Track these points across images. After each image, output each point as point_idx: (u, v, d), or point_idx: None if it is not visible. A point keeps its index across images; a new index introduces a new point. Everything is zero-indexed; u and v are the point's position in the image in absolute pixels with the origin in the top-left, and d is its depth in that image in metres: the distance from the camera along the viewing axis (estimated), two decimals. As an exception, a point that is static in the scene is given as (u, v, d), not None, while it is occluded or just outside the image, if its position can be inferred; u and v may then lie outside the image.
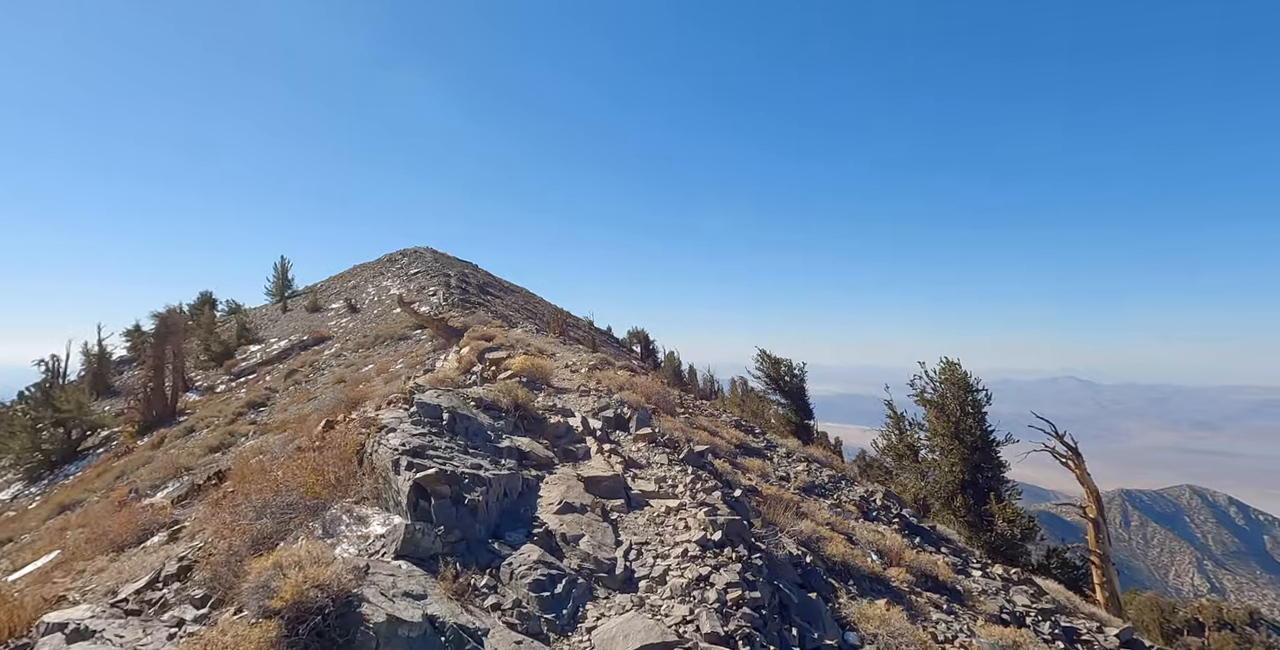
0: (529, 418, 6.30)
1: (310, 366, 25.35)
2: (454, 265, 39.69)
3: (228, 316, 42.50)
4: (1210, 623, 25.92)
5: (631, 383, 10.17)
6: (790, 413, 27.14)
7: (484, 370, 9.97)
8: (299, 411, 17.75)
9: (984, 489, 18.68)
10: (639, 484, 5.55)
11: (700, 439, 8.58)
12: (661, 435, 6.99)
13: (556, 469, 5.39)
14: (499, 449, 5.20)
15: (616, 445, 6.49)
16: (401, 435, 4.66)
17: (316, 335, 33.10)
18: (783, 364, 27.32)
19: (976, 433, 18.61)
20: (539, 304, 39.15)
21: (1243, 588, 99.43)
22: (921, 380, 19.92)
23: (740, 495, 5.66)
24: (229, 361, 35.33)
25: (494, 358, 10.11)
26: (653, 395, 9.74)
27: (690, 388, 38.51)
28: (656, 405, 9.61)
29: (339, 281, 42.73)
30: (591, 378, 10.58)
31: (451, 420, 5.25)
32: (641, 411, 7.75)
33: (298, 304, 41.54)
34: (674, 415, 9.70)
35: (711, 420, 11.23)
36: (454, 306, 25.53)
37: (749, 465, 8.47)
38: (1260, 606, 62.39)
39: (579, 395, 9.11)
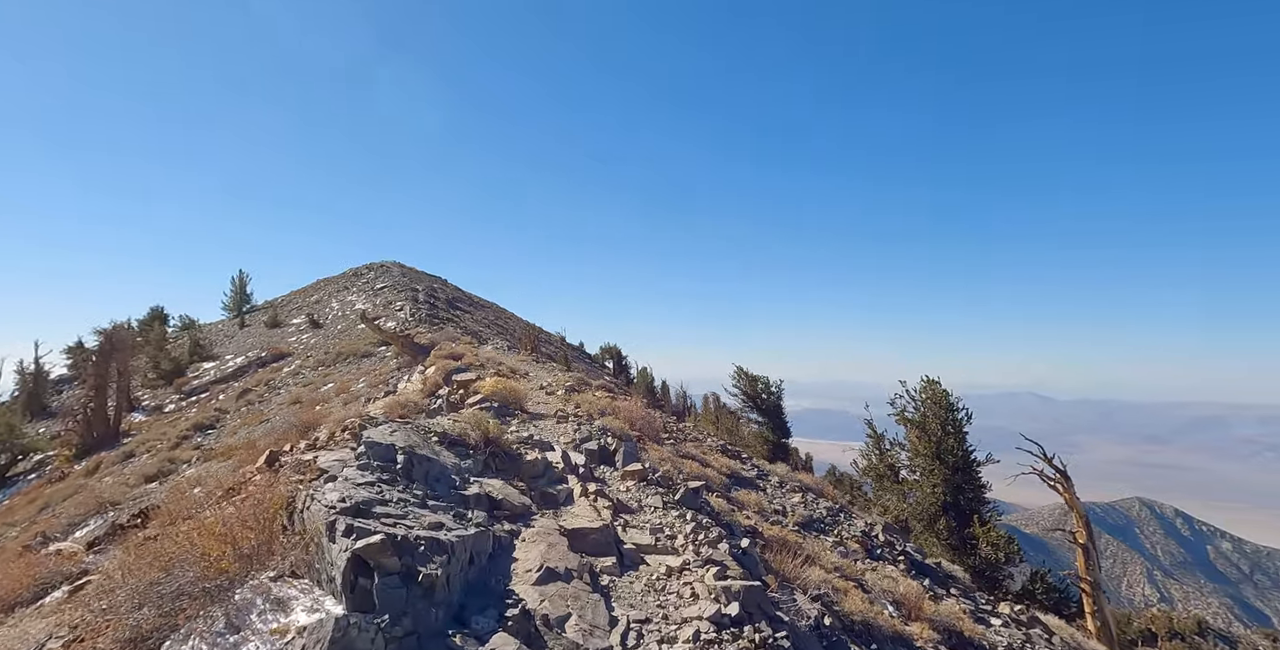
0: (502, 454, 5.35)
1: (266, 385, 23.64)
2: (422, 280, 38.29)
3: (180, 332, 40.06)
4: (1162, 633, 25.90)
5: (613, 407, 9.27)
6: (767, 431, 26.46)
7: (451, 393, 8.95)
8: (249, 436, 16.22)
9: (966, 511, 18.17)
10: (632, 535, 4.65)
11: (691, 471, 7.71)
12: (652, 471, 6.10)
13: (535, 520, 4.46)
14: (465, 498, 4.25)
15: (602, 484, 5.58)
16: (343, 487, 3.67)
17: (276, 352, 31.23)
18: (760, 381, 26.69)
19: (958, 453, 18.14)
20: (510, 319, 37.94)
21: (1189, 597, 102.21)
22: (902, 399, 19.45)
23: (747, 546, 4.81)
24: (180, 380, 33.06)
25: (462, 380, 9.10)
26: (636, 421, 8.84)
27: (664, 404, 37.63)
28: (641, 432, 8.71)
29: (301, 296, 40.79)
30: (569, 401, 9.65)
31: (408, 464, 4.28)
32: (628, 442, 6.86)
33: (256, 319, 39.43)
34: (660, 443, 8.81)
35: (698, 446, 10.37)
36: (421, 322, 24.23)
37: (745, 500, 7.63)
38: (1205, 615, 64.00)
39: (556, 421, 8.17)
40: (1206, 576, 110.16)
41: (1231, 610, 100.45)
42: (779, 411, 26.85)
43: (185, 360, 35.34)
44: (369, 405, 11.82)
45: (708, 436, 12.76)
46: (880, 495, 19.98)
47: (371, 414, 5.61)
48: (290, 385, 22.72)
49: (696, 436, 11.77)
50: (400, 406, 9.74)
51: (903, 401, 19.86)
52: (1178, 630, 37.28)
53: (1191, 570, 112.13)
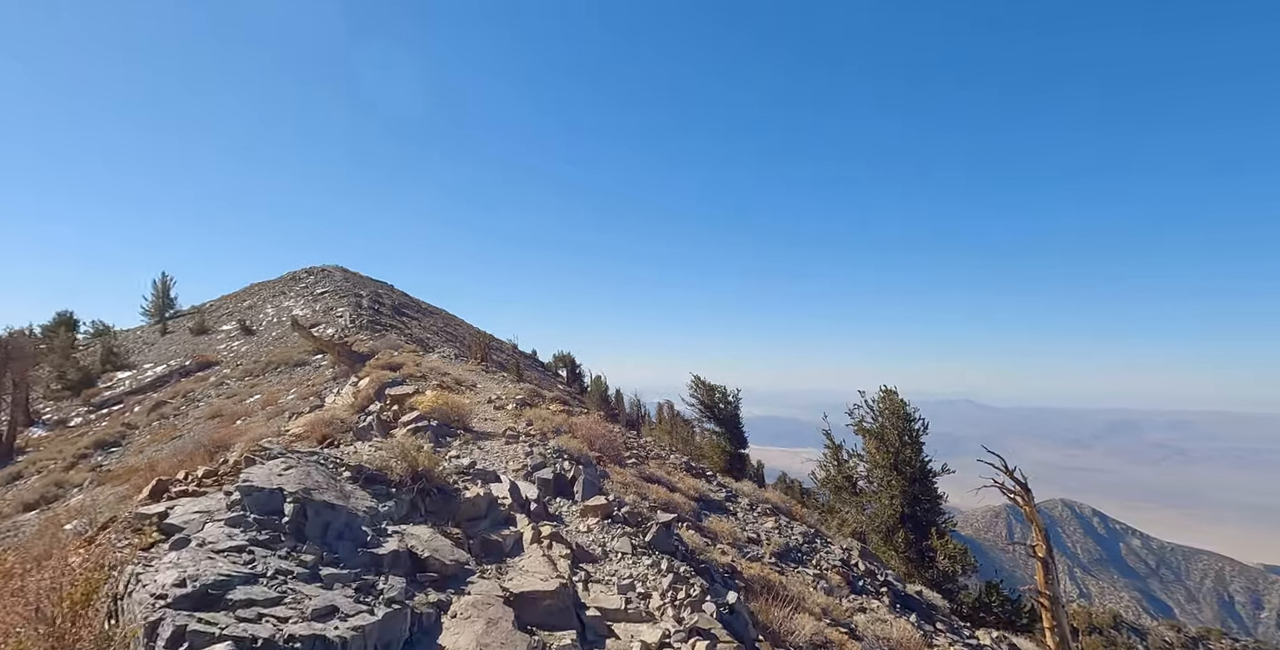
0: (435, 491, 4.26)
1: (184, 397, 21.26)
2: (366, 285, 36.09)
3: (92, 339, 36.34)
4: (1082, 628, 26.53)
5: (570, 424, 8.22)
6: (724, 441, 25.78)
7: (383, 410, 7.70)
8: (155, 455, 14.22)
9: (923, 522, 17.90)
10: (597, 595, 3.67)
11: (658, 497, 6.75)
12: (617, 504, 5.12)
13: (471, 583, 3.40)
14: (378, 559, 3.16)
15: (559, 524, 4.56)
16: (189, 559, 2.48)
17: (201, 360, 28.52)
18: (717, 391, 26.03)
19: (915, 464, 17.87)
20: (460, 326, 36.15)
21: (1104, 592, 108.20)
22: (860, 410, 19.12)
23: (735, 602, 3.89)
24: (89, 391, 29.76)
25: (397, 394, 7.87)
26: (596, 439, 7.83)
27: (618, 413, 36.62)
28: (602, 452, 7.70)
29: (233, 301, 37.77)
30: (521, 417, 8.54)
31: (299, 516, 3.15)
32: (588, 468, 5.85)
33: (181, 325, 36.21)
34: (623, 464, 7.82)
35: (661, 465, 9.42)
36: (361, 329, 22.42)
37: (718, 529, 6.72)
38: (1119, 609, 67.57)
39: (506, 442, 7.07)
40: (1119, 572, 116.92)
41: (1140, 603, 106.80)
42: (736, 421, 26.23)
43: (96, 369, 31.95)
44: (292, 421, 10.37)
45: (670, 453, 11.84)
46: (839, 507, 19.55)
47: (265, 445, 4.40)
48: (212, 397, 20.48)
49: (659, 453, 10.83)
50: (324, 424, 8.40)
51: (861, 412, 19.54)
52: (1096, 625, 38.79)
53: (1106, 566, 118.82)
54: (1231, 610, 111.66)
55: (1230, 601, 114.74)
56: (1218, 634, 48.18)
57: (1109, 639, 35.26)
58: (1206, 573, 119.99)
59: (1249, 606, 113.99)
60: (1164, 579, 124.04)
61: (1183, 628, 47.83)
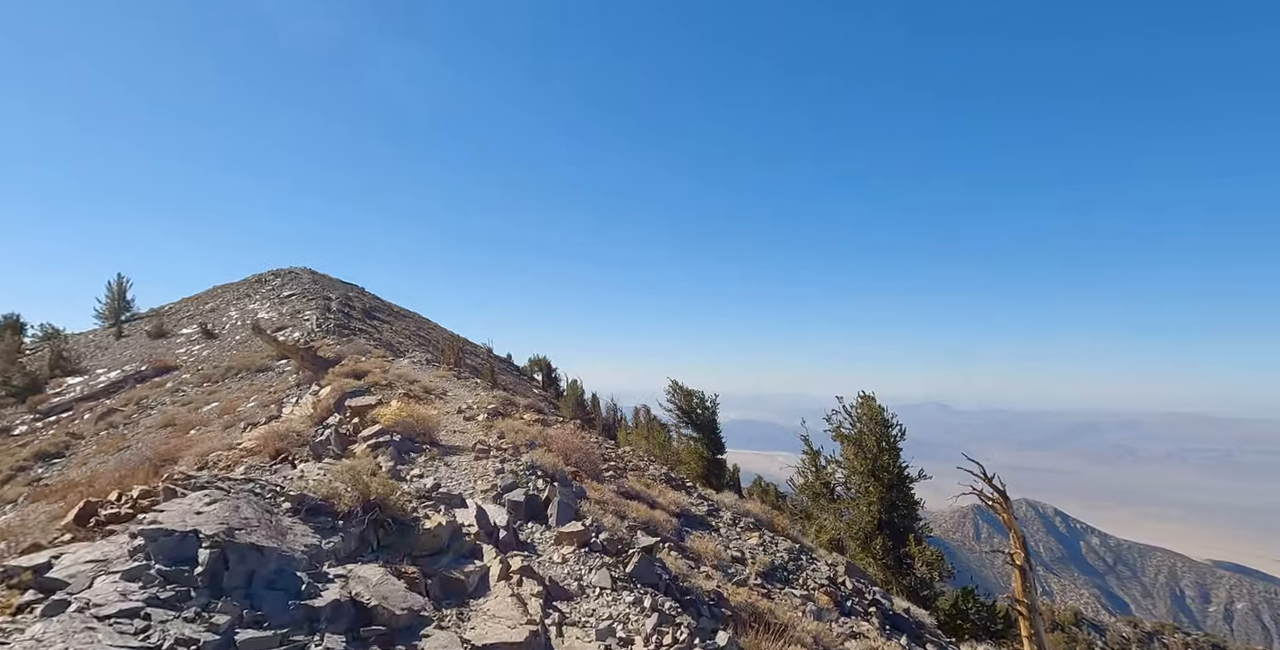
0: (390, 522, 3.72)
1: (136, 405, 20.03)
2: (336, 287, 34.89)
3: (40, 343, 34.39)
4: (1045, 625, 26.86)
5: (544, 436, 7.70)
6: (702, 447, 25.40)
7: (343, 423, 7.08)
8: (100, 468, 13.18)
9: (900, 529, 17.76)
10: (572, 642, 3.19)
11: (638, 516, 6.28)
12: (595, 530, 4.63)
13: (426, 636, 2.88)
14: (314, 612, 2.63)
15: (531, 554, 4.07)
16: (54, 637, 1.89)
17: (159, 365, 27.06)
18: (695, 396, 25.67)
19: (893, 470, 17.74)
20: (433, 330, 35.19)
21: (1065, 589, 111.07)
22: (839, 415, 18.94)
23: (725, 645, 3.46)
24: (36, 397, 28.01)
25: (358, 405, 7.26)
26: (572, 453, 7.33)
27: (594, 418, 36.08)
28: (578, 467, 7.20)
29: (194, 303, 36.16)
30: (492, 428, 7.98)
31: (217, 563, 2.58)
32: (564, 488, 5.36)
33: (138, 329, 34.49)
34: (601, 479, 7.32)
35: (640, 477, 8.95)
36: (329, 333, 21.45)
37: (701, 549, 6.28)
38: (1079, 606, 69.33)
39: (475, 457, 6.53)
40: (1079, 569, 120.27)
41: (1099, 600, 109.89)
42: (714, 427, 25.88)
43: (44, 375, 30.13)
44: (246, 432, 9.59)
45: (649, 463, 11.36)
46: (817, 514, 19.32)
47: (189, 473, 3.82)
48: (166, 404, 19.31)
49: (637, 464, 10.35)
50: (279, 438, 7.72)
51: (839, 418, 19.36)
52: (1058, 622, 39.50)
53: (1067, 564, 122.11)
54: (1183, 605, 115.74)
55: (1182, 596, 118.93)
56: (1171, 629, 49.66)
57: (1070, 636, 35.93)
58: (1160, 569, 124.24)
59: (1198, 601, 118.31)
60: (1121, 576, 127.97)
61: (1139, 623, 49.24)
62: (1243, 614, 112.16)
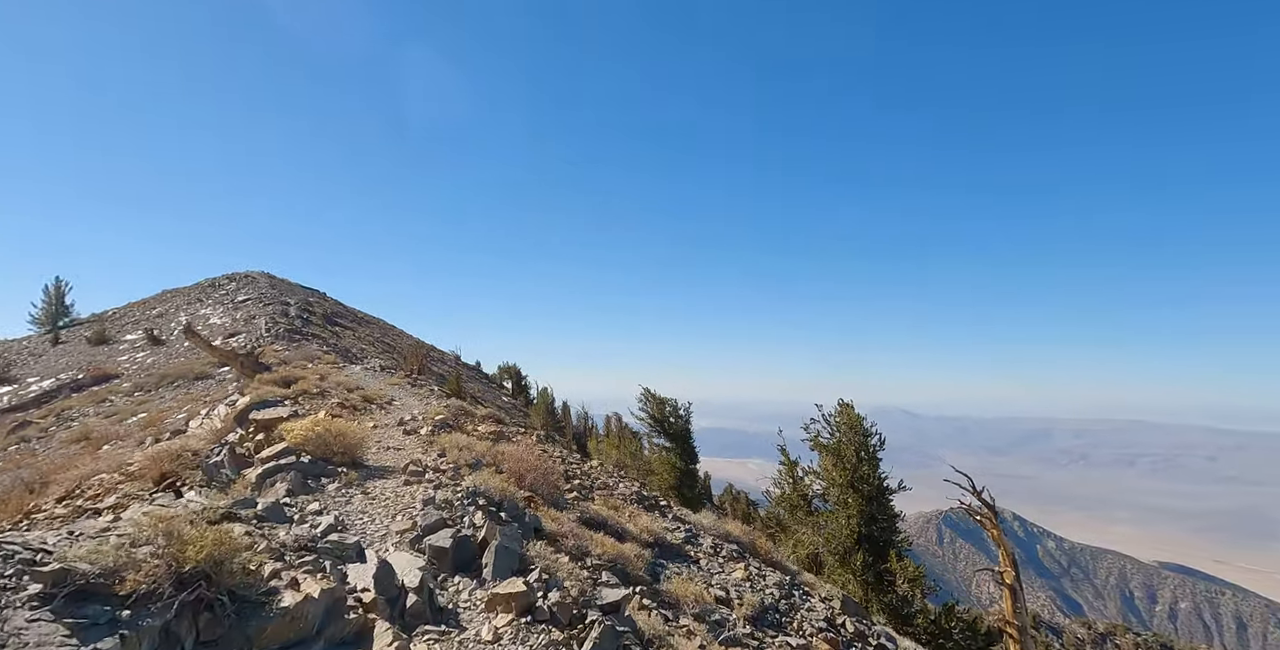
0: (225, 599, 2.43)
1: (56, 417, 17.89)
2: (295, 292, 32.80)
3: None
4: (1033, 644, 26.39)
5: (496, 454, 6.42)
6: (675, 457, 24.17)
7: (244, 438, 5.70)
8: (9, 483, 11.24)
9: (880, 542, 16.80)
10: None
11: (603, 552, 5.04)
12: (543, 588, 3.40)
13: None
14: None
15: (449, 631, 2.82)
16: None
17: (98, 373, 24.67)
18: (668, 404, 24.47)
19: (873, 481, 16.81)
20: (399, 337, 33.33)
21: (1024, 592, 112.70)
22: (817, 424, 17.97)
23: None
24: (-43, 407, 25.28)
25: (264, 419, 5.87)
26: (528, 473, 6.06)
27: (564, 426, 34.60)
28: (535, 491, 5.93)
29: (141, 308, 33.60)
30: (433, 445, 6.66)
31: None
32: (508, 527, 4.12)
33: (77, 334, 31.79)
34: (561, 505, 6.06)
35: (608, 498, 7.70)
36: (277, 338, 19.67)
37: (680, 593, 5.07)
38: (1037, 608, 69.90)
39: (405, 482, 5.22)
40: (1036, 572, 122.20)
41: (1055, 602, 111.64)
42: (687, 436, 24.67)
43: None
44: (140, 449, 8.03)
45: (619, 479, 10.11)
46: (794, 527, 18.25)
47: None
48: (90, 415, 17.26)
49: (606, 482, 9.10)
50: (170, 458, 6.26)
51: (817, 427, 18.40)
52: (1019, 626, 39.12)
53: (1025, 567, 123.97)
54: (1132, 605, 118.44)
55: (1131, 597, 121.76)
56: (1122, 630, 50.10)
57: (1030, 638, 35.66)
58: (1111, 571, 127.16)
59: (1146, 601, 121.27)
60: (1074, 578, 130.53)
61: (1092, 624, 49.55)
62: (1186, 613, 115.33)
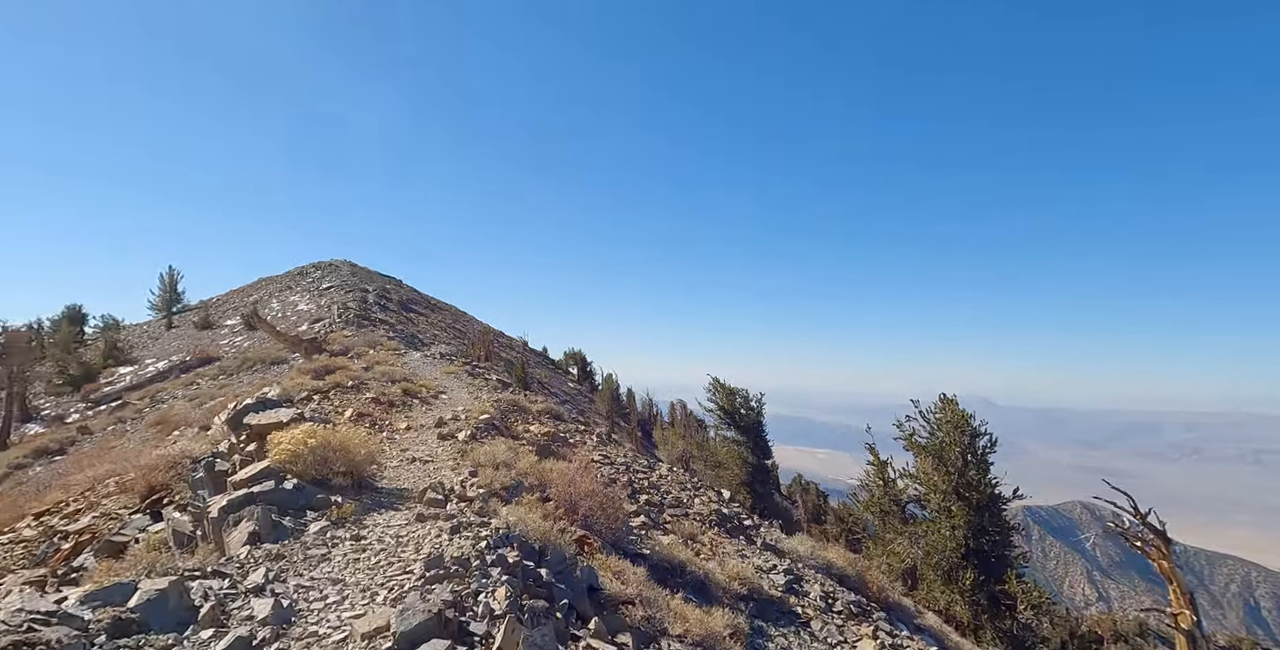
0: None
1: (150, 399, 18.53)
2: (374, 280, 33.30)
3: (99, 334, 34.14)
4: (1108, 635, 22.74)
5: (541, 472, 4.92)
6: (746, 451, 22.22)
7: (234, 449, 4.53)
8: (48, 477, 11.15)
9: (990, 557, 14.24)
10: None
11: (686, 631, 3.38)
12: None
13: None
14: None
15: None
16: None
17: (202, 356, 25.95)
18: (738, 395, 22.49)
19: (983, 489, 14.23)
20: (469, 323, 33.15)
21: (1125, 596, 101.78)
22: (913, 421, 15.49)
23: None
24: (89, 386, 27.42)
25: (261, 424, 4.66)
26: (580, 502, 4.50)
27: (629, 414, 33.41)
28: (589, 526, 4.36)
29: (239, 296, 35.34)
30: (466, 457, 5.26)
31: None
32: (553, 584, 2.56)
33: (187, 320, 33.84)
34: (623, 546, 4.47)
35: (681, 523, 6.05)
36: (348, 324, 19.43)
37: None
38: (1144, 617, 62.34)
39: (419, 516, 3.79)
40: (1141, 577, 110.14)
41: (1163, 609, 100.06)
42: (759, 429, 22.59)
43: (99, 365, 29.65)
44: (164, 447, 7.22)
45: (693, 492, 8.44)
46: (887, 536, 15.96)
47: None
48: (178, 398, 17.69)
49: (678, 495, 7.47)
50: (165, 467, 5.24)
51: (913, 424, 15.88)
52: (1121, 632, 34.22)
53: (1127, 570, 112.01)
54: (1258, 617, 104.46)
55: (1256, 607, 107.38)
56: (1249, 644, 43.31)
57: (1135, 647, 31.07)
58: (1231, 578, 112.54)
59: (1275, 613, 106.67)
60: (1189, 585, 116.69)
61: (1212, 637, 43.12)
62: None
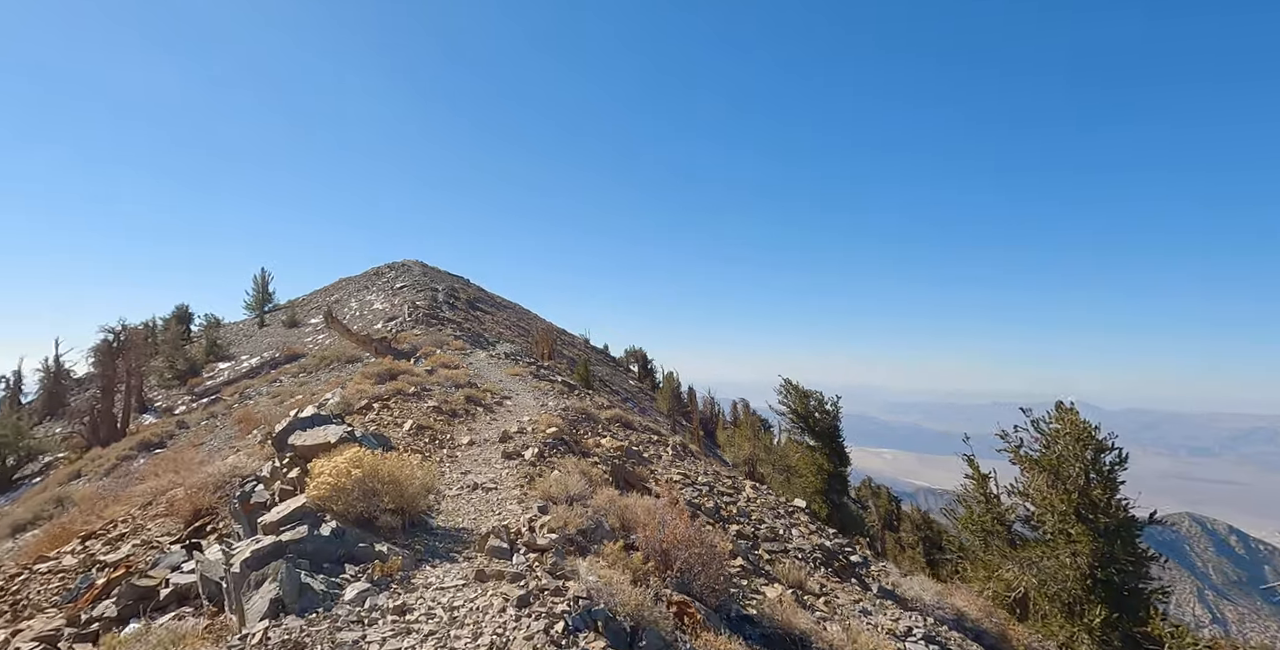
0: None
1: (239, 394, 19.31)
2: (443, 279, 33.85)
3: (202, 332, 36.72)
4: None
5: (624, 509, 4.01)
6: (821, 458, 20.58)
7: (276, 474, 3.91)
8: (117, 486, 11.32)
9: (1122, 590, 12.14)
10: None
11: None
12: None
13: None
14: None
15: None
16: None
17: (290, 352, 27.21)
18: (813, 397, 20.84)
19: (1112, 511, 12.14)
20: (533, 321, 33.07)
21: (1244, 619, 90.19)
22: (1022, 431, 13.52)
23: None
24: (193, 380, 29.43)
25: (305, 446, 4.01)
26: (676, 549, 3.54)
27: (690, 412, 32.33)
28: (686, 587, 3.38)
29: (322, 295, 36.97)
30: (534, 486, 4.42)
31: None
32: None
33: (276, 318, 35.75)
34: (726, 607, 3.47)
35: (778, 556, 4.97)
36: (417, 323, 19.48)
37: None
38: (1265, 639, 54.58)
39: (478, 574, 2.98)
40: (1263, 599, 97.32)
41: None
42: (836, 435, 20.83)
43: (201, 360, 31.82)
44: (229, 458, 6.89)
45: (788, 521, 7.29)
46: (990, 559, 14.06)
47: None
48: (263, 394, 18.29)
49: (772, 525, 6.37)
50: (214, 486, 4.74)
51: (1020, 434, 13.89)
52: None
53: (1247, 591, 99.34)
54: None
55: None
56: None
57: None
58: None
59: None
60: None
61: None
62: None
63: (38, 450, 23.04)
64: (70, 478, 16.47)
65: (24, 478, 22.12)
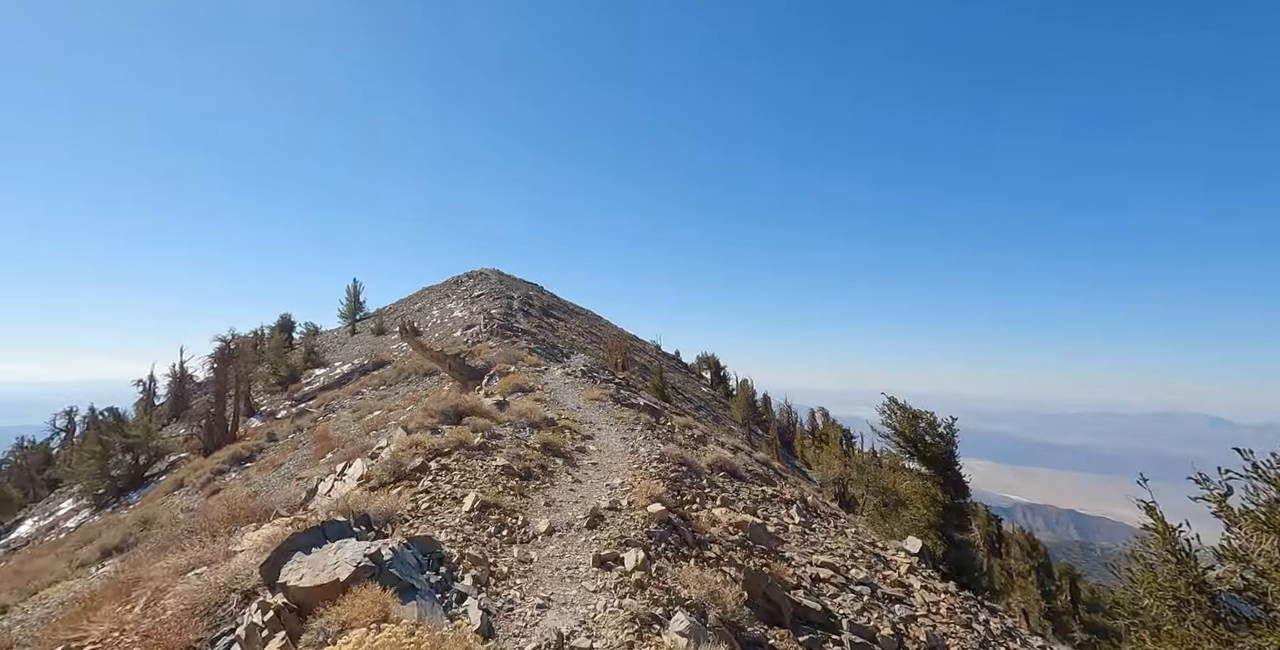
0: None
1: (324, 406, 19.23)
2: (518, 287, 33.33)
3: (302, 340, 38.37)
4: None
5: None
6: (935, 488, 17.57)
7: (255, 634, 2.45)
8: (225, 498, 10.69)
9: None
10: None
11: None
12: None
13: None
14: None
15: None
16: None
17: (378, 360, 27.53)
18: (923, 419, 17.88)
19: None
20: (604, 327, 31.77)
21: None
22: (1230, 478, 10.31)
23: None
24: (293, 386, 30.50)
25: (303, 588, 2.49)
26: None
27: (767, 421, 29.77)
28: None
29: (407, 304, 37.64)
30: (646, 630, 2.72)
31: None
32: None
33: (366, 327, 36.72)
34: None
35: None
36: (492, 334, 18.54)
37: None
38: None
39: None
40: None
41: None
42: (951, 461, 17.70)
43: (300, 367, 33.10)
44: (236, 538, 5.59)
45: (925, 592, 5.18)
46: (1185, 634, 10.85)
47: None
48: (346, 407, 18.01)
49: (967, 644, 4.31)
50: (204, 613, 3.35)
51: (1227, 482, 10.58)
52: None
53: None
54: None
55: None
56: None
57: None
58: None
59: None
60: None
61: None
62: None
63: (164, 450, 24.48)
64: (174, 487, 16.87)
65: (153, 475, 23.49)
